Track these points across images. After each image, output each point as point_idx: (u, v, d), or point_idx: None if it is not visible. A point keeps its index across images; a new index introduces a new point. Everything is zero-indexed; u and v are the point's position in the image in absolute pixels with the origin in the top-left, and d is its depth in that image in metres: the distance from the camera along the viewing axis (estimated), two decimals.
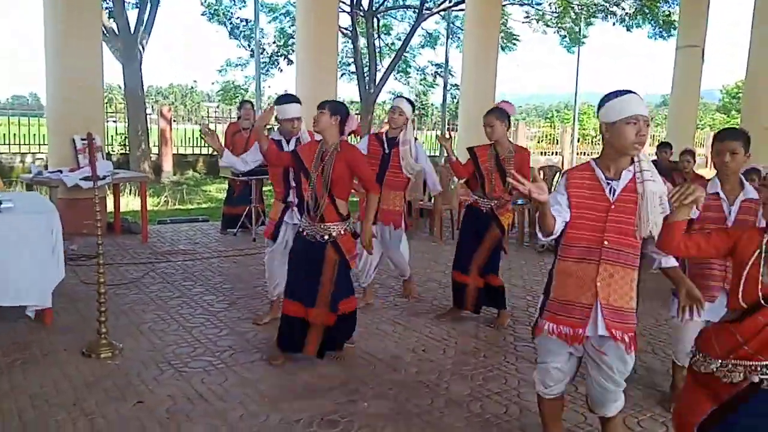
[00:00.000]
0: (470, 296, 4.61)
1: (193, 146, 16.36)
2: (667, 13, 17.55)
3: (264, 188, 8.10)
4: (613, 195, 2.43)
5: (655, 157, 7.67)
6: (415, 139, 4.99)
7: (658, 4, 17.32)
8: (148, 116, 15.33)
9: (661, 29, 17.89)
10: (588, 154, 22.33)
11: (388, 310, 4.91)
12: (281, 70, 18.59)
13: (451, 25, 18.47)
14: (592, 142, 23.31)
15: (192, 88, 52.39)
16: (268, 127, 7.19)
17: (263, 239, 7.26)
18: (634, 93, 2.40)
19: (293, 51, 18.53)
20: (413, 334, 4.36)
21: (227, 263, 6.29)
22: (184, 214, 9.91)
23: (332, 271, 3.63)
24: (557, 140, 21.48)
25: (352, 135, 3.91)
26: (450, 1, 17.46)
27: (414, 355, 3.99)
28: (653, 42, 18.71)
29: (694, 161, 7.55)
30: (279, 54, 18.38)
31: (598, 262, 2.43)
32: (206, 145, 15.94)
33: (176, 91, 52.61)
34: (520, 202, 7.29)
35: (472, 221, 4.61)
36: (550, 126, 22.81)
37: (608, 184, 2.44)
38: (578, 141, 22.05)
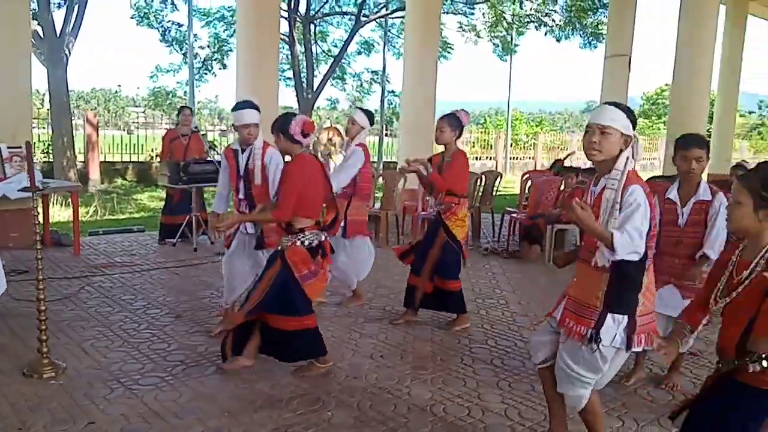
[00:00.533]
0: (417, 298, 4.66)
1: (121, 153, 15.71)
2: (595, 23, 18.31)
3: (205, 196, 7.88)
4: (591, 199, 2.58)
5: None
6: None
7: (587, 16, 18.04)
8: (73, 122, 14.64)
9: (589, 39, 18.66)
10: (520, 159, 22.99)
11: (342, 318, 4.85)
12: (215, 75, 18.19)
13: (388, 32, 18.61)
14: (523, 147, 23.98)
15: (116, 92, 50.31)
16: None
17: (205, 249, 7.13)
18: (606, 105, 2.55)
19: (228, 56, 18.20)
20: (369, 341, 4.33)
21: (168, 275, 6.06)
22: (115, 224, 9.50)
23: (268, 281, 3.53)
24: (491, 145, 21.98)
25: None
26: (387, 9, 17.60)
27: (372, 362, 3.96)
28: (582, 51, 19.47)
29: None
30: (213, 59, 17.96)
31: (578, 257, 2.71)
32: (136, 151, 15.48)
33: (99, 95, 50.39)
34: None
35: (429, 226, 4.74)
36: (484, 131, 23.32)
37: (591, 190, 2.62)
38: (511, 146, 22.64)
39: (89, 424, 3.01)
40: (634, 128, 2.53)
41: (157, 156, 14.51)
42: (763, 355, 1.91)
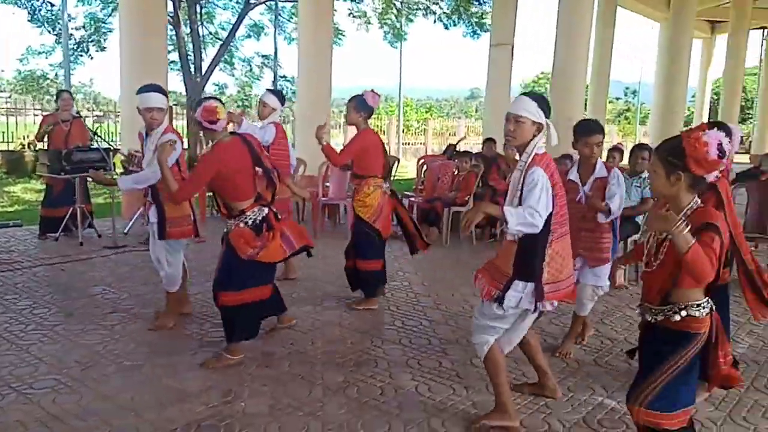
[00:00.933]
0: (348, 278, 4.94)
1: None
2: (480, 13, 18.96)
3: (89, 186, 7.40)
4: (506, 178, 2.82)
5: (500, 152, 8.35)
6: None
7: (471, 5, 18.64)
8: None
9: (474, 28, 19.31)
10: (412, 144, 23.47)
11: None
12: (92, 58, 16.92)
13: (278, 16, 18.23)
14: (414, 132, 24.49)
15: None
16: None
17: (92, 243, 6.69)
18: (521, 95, 2.83)
19: (106, 37, 17.04)
20: (279, 328, 4.30)
21: (53, 271, 5.66)
22: None
23: (219, 261, 3.68)
24: (384, 131, 22.25)
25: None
26: None
27: (284, 349, 3.94)
28: (467, 40, 20.15)
29: None
30: (90, 40, 16.70)
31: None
32: (5, 140, 14.12)
33: None
34: None
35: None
36: (377, 117, 23.57)
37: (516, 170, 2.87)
38: (403, 131, 23.05)
39: None
40: (547, 116, 2.79)
41: (30, 144, 13.40)
42: (682, 305, 2.26)
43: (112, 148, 7.07)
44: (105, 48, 17.16)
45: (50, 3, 15.70)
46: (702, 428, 3.01)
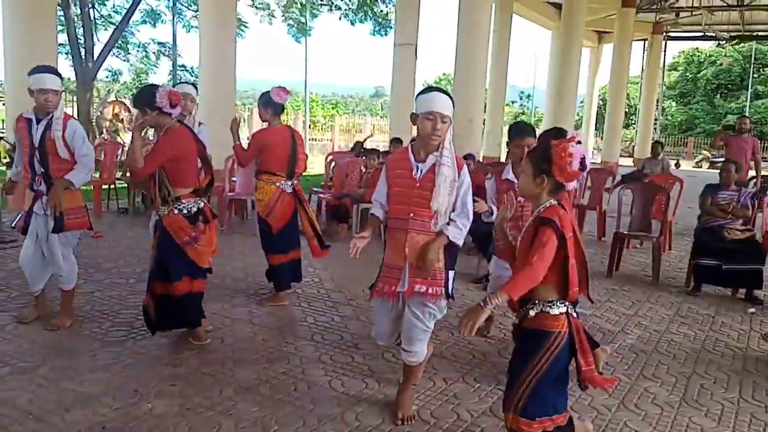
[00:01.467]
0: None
1: None
2: (385, 12, 19.21)
3: None
4: (420, 174, 2.88)
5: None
6: None
7: (376, 3, 18.85)
8: None
9: (380, 26, 19.54)
10: (318, 140, 23.39)
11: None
12: None
13: (177, 3, 17.53)
14: (321, 128, 24.42)
15: None
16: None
17: None
18: (440, 92, 2.85)
19: None
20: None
21: None
22: None
23: (154, 251, 3.76)
24: (290, 126, 22.06)
25: None
26: None
27: (192, 349, 3.83)
28: (373, 37, 20.34)
29: None
30: None
31: (406, 230, 2.89)
32: None
33: None
34: None
35: None
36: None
37: (417, 166, 2.89)
38: (309, 127, 22.91)
39: None
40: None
41: None
42: (537, 301, 2.38)
43: None
44: None
45: None
46: (598, 415, 3.25)
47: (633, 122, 35.50)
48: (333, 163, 8.64)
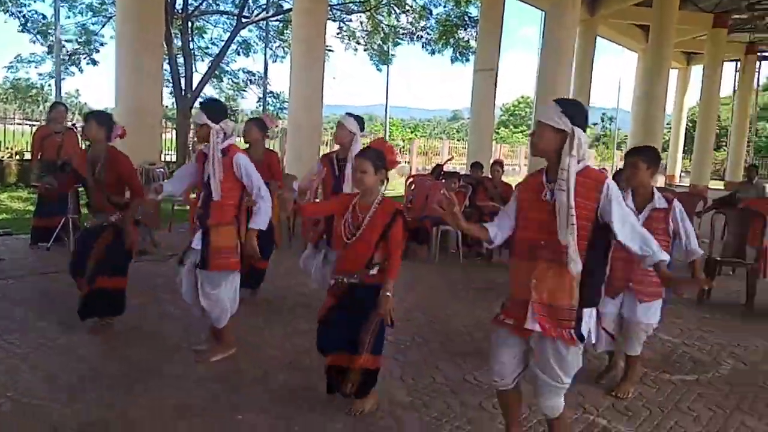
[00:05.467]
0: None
1: None
2: (465, 39, 19.39)
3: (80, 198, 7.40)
4: (551, 197, 2.50)
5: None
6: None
7: (457, 31, 19.05)
8: None
9: (461, 52, 19.71)
10: (397, 162, 23.65)
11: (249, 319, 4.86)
12: (82, 71, 16.90)
13: (268, 34, 18.44)
14: (400, 151, 24.75)
15: None
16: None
17: None
18: (549, 103, 2.57)
19: (97, 51, 17.06)
20: (277, 341, 4.37)
21: (47, 281, 5.67)
22: None
23: (102, 247, 4.20)
24: None
25: (119, 138, 4.40)
26: (267, 12, 17.41)
27: (284, 366, 4.01)
28: (452, 65, 20.52)
29: (503, 170, 8.56)
30: (80, 52, 16.69)
31: (535, 259, 2.52)
32: None
33: None
34: None
35: None
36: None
37: (548, 186, 2.53)
38: None
39: None
40: (574, 123, 2.50)
41: (17, 154, 13.37)
42: (377, 263, 3.12)
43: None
44: (97, 62, 17.18)
45: (42, 14, 15.70)
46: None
47: (724, 144, 33.78)
48: (413, 186, 8.77)
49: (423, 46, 19.94)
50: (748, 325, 5.41)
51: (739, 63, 26.26)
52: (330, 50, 19.28)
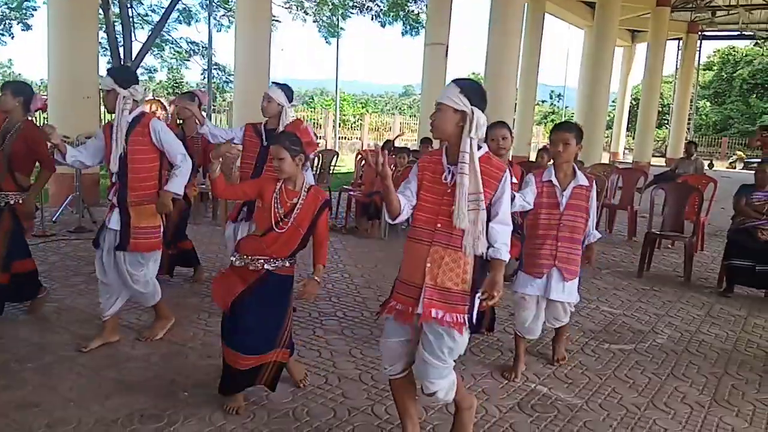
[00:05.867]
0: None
1: None
2: (416, 12, 19.24)
3: None
4: (451, 179, 2.45)
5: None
6: None
7: (408, 4, 18.88)
8: None
9: (411, 26, 19.56)
10: (348, 138, 23.53)
11: (188, 297, 4.74)
12: (13, 37, 15.96)
13: (212, 2, 17.84)
14: (351, 127, 24.57)
15: None
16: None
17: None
18: (450, 83, 2.48)
19: (30, 15, 16.14)
20: (217, 320, 4.25)
21: None
22: None
23: (3, 234, 3.92)
24: (321, 124, 22.23)
25: (41, 111, 4.18)
26: None
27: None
28: (404, 38, 20.34)
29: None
30: (11, 17, 15.74)
31: (430, 243, 2.46)
32: None
33: None
34: None
35: None
36: (313, 111, 23.51)
37: (448, 168, 2.47)
38: (339, 126, 23.06)
39: None
40: (472, 103, 2.44)
41: None
42: (296, 252, 3.00)
43: None
44: (30, 26, 16.24)
45: None
46: (626, 413, 3.26)
47: (666, 122, 34.86)
48: (363, 162, 8.71)
49: (372, 18, 19.70)
50: (686, 295, 5.62)
51: (681, 42, 26.99)
52: (277, 20, 18.80)
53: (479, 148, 2.44)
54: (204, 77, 19.79)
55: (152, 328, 3.94)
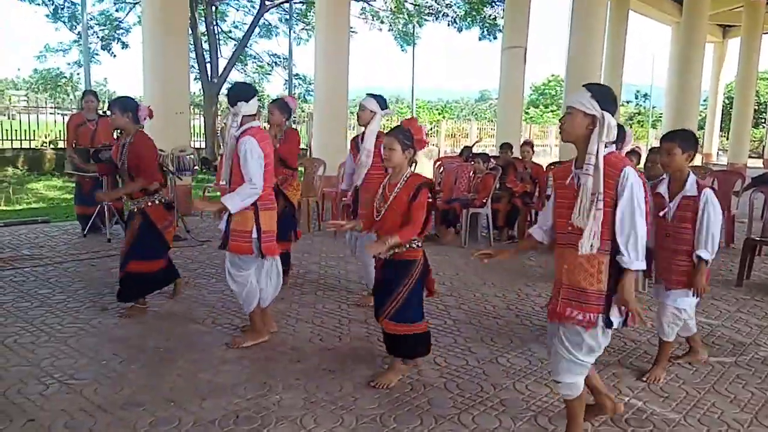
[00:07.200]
0: None
1: (11, 140, 14.26)
2: (492, 16, 19.03)
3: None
4: (577, 181, 2.52)
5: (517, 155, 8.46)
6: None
7: (484, 8, 18.70)
8: None
9: (488, 31, 19.37)
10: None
11: (277, 304, 4.89)
12: (114, 55, 17.08)
13: (292, 16, 18.39)
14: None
15: None
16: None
17: (119, 239, 6.81)
18: (581, 88, 2.53)
19: (125, 35, 17.22)
20: (306, 326, 4.41)
21: (84, 267, 5.80)
22: (13, 215, 8.82)
23: (131, 234, 4.37)
24: None
25: (149, 119, 4.47)
26: None
27: (312, 345, 4.04)
28: (480, 42, 20.18)
29: (533, 151, 8.42)
30: (110, 37, 16.84)
31: (566, 245, 2.57)
32: (27, 138, 14.23)
33: None
34: None
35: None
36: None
37: (575, 172, 2.56)
38: None
39: (29, 421, 2.91)
40: (602, 107, 2.49)
41: (50, 143, 13.61)
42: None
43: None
44: (127, 45, 17.28)
45: (71, 1, 15.84)
46: (728, 429, 3.08)
47: (762, 121, 32.74)
48: (441, 168, 8.70)
49: (449, 24, 19.63)
50: None
51: None
52: (354, 32, 19.15)
53: (606, 146, 2.47)
54: (286, 88, 20.35)
55: (243, 335, 4.10)
